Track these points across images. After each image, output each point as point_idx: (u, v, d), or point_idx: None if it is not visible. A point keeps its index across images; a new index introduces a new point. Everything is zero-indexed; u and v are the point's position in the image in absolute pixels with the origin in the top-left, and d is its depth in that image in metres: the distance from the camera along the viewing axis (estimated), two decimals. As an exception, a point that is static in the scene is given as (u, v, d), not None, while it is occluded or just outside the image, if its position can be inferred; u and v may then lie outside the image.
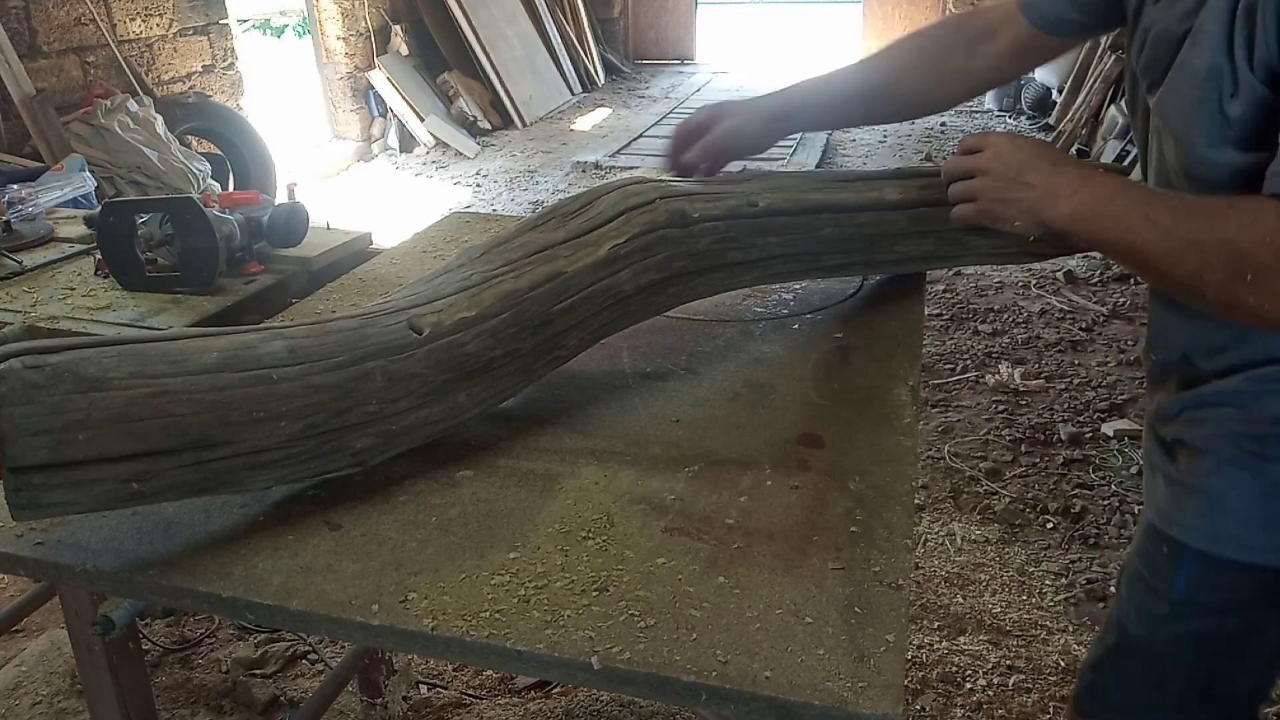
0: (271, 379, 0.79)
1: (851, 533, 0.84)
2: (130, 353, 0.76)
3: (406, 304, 0.92)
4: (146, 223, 1.48)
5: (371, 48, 6.53)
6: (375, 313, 0.91)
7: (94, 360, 0.74)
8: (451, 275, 0.98)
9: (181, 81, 4.78)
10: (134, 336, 0.80)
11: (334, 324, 0.88)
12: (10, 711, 1.87)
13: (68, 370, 0.72)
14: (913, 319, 1.27)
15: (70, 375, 0.72)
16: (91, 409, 0.72)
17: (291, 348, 0.82)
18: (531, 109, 7.38)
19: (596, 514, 0.87)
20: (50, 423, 0.71)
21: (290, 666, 2.03)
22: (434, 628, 0.73)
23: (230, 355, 0.79)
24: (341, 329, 0.87)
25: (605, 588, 0.77)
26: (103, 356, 0.74)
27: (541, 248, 1.01)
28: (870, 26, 9.65)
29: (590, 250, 1.02)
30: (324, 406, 0.82)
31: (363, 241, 1.68)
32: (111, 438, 0.73)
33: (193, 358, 0.78)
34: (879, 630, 0.72)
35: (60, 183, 2.47)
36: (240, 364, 0.79)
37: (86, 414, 0.72)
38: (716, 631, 0.72)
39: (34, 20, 3.95)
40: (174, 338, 0.80)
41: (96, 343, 0.76)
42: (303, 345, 0.83)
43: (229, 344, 0.80)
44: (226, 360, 0.79)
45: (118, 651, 0.92)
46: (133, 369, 0.75)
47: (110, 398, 0.73)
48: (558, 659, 0.70)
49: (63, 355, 0.73)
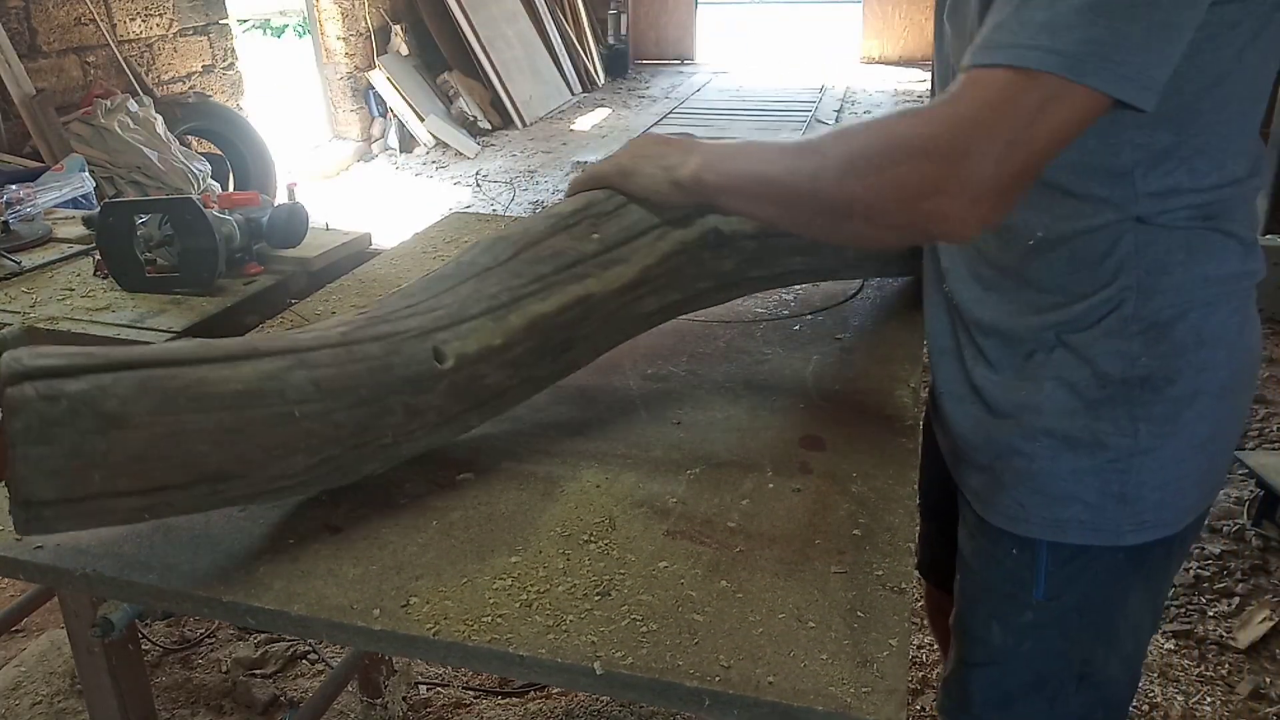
0: (294, 416, 0.77)
1: (854, 536, 0.84)
2: (153, 385, 0.72)
3: (431, 324, 0.88)
4: (146, 223, 1.48)
5: (371, 48, 6.53)
6: (400, 334, 0.86)
7: (113, 392, 0.70)
8: (479, 285, 0.93)
9: (181, 81, 4.78)
10: (153, 356, 0.75)
11: (359, 349, 0.83)
12: (10, 711, 1.87)
13: (86, 405, 0.69)
14: (914, 320, 1.27)
15: (89, 411, 0.69)
16: (110, 450, 0.69)
17: (315, 381, 0.79)
18: (531, 109, 7.38)
19: (598, 517, 0.87)
20: (67, 464, 0.68)
21: (290, 666, 2.02)
22: (435, 633, 0.73)
23: (253, 389, 0.76)
24: (366, 357, 0.83)
25: (607, 592, 0.77)
26: (122, 387, 0.71)
27: (572, 261, 0.96)
28: (870, 26, 9.66)
29: (621, 270, 0.98)
30: (342, 441, 0.80)
31: (362, 242, 1.68)
32: (127, 476, 0.71)
33: (215, 390, 0.74)
34: (882, 634, 0.72)
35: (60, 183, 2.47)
36: (263, 400, 0.76)
37: (104, 455, 0.69)
38: (719, 636, 0.72)
39: (34, 20, 3.95)
40: (194, 360, 0.76)
41: (114, 363, 0.72)
42: (327, 379, 0.80)
43: (252, 375, 0.77)
44: (249, 395, 0.76)
45: (117, 652, 0.92)
46: (154, 405, 0.71)
47: (129, 437, 0.70)
48: (560, 664, 0.70)
49: (80, 383, 0.69)
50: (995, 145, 0.67)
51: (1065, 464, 0.88)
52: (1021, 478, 0.90)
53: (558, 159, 6.27)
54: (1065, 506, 0.89)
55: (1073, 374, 0.86)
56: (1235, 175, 0.81)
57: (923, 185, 0.70)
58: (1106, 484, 0.87)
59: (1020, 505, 0.91)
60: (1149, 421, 0.85)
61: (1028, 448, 0.89)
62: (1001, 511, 0.93)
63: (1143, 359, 0.84)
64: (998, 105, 0.67)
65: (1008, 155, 0.67)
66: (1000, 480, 0.93)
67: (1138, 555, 0.90)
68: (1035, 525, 0.91)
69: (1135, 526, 0.88)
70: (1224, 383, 0.86)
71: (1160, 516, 0.89)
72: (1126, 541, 0.89)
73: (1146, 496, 0.87)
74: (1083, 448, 0.87)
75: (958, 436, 0.97)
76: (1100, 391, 0.86)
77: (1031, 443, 0.89)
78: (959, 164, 0.68)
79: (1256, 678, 1.93)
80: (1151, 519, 0.88)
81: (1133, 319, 0.83)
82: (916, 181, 0.70)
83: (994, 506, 0.94)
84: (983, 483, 0.95)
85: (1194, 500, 0.91)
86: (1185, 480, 0.88)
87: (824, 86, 8.49)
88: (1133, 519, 0.88)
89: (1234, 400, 0.88)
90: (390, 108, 6.49)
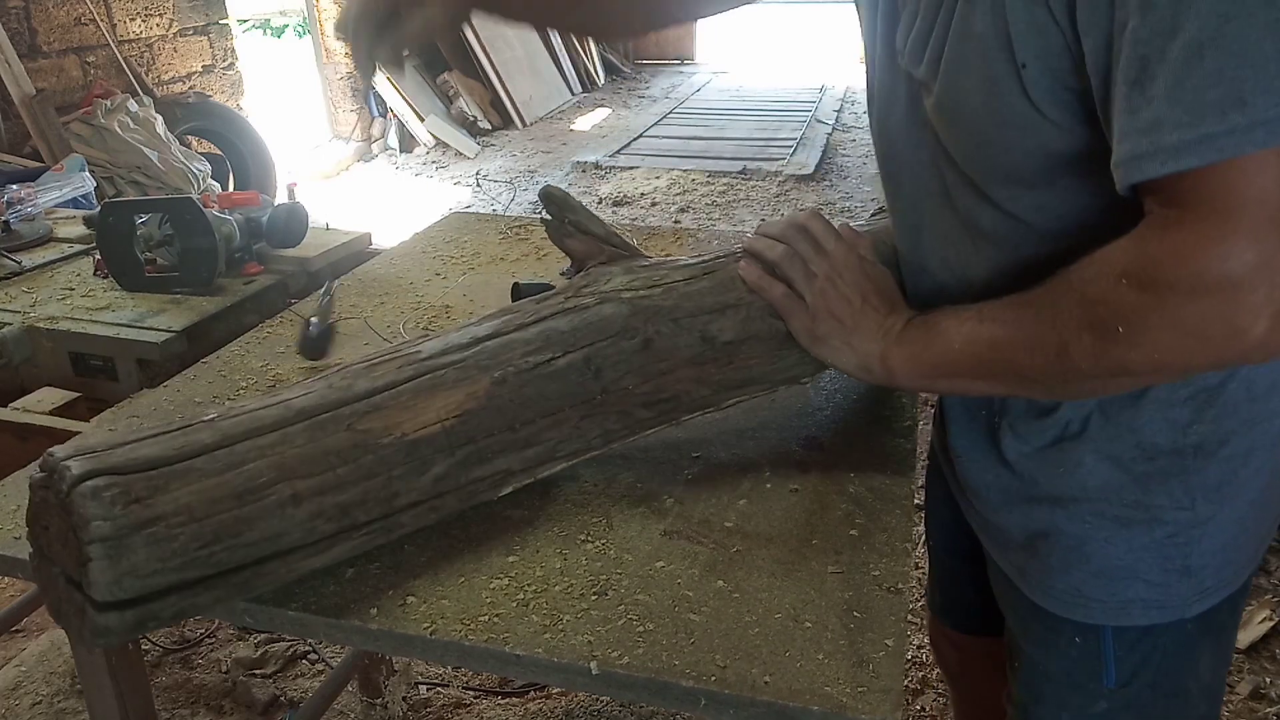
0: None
1: (851, 536, 0.84)
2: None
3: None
4: (146, 223, 1.48)
5: (372, 47, 6.52)
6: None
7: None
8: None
9: (181, 81, 4.78)
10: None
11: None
12: (10, 711, 1.87)
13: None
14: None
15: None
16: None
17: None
18: (531, 109, 7.38)
19: (595, 517, 0.87)
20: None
21: (290, 666, 2.03)
22: (432, 632, 0.73)
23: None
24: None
25: (604, 591, 0.77)
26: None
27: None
28: (871, 26, 9.63)
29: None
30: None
31: (362, 242, 1.68)
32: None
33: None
34: (878, 635, 0.72)
35: (60, 183, 2.47)
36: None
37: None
38: (715, 636, 0.72)
39: (34, 20, 3.95)
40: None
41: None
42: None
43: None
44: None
45: (117, 652, 0.92)
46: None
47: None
48: (556, 664, 0.70)
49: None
50: (1270, 244, 0.58)
51: (1120, 544, 0.81)
52: (1073, 560, 0.83)
53: (558, 159, 6.27)
54: (1127, 587, 0.82)
55: (1115, 447, 0.79)
56: None
57: (1226, 325, 0.60)
58: (1168, 559, 0.81)
59: (1077, 590, 0.84)
60: (1205, 489, 0.79)
61: (1075, 529, 0.83)
62: (1057, 597, 0.86)
63: (1194, 426, 0.77)
64: (1252, 204, 0.58)
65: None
66: (1047, 563, 0.85)
67: (1205, 621, 0.84)
68: (1097, 610, 0.84)
69: (1199, 595, 0.83)
70: (1279, 430, 0.80)
71: (1222, 578, 0.83)
72: (1193, 612, 0.83)
73: (1209, 564, 0.82)
74: (1138, 525, 0.80)
75: (985, 506, 0.91)
76: (1149, 464, 0.79)
77: (1079, 524, 0.82)
78: (1255, 287, 0.58)
79: (1256, 678, 1.93)
80: (1214, 583, 0.83)
81: (1181, 385, 0.76)
82: (1219, 324, 0.60)
83: (1047, 591, 0.86)
84: (1026, 562, 0.88)
85: (1253, 552, 0.86)
86: (1245, 535, 0.83)
87: (824, 86, 8.49)
88: (1196, 589, 0.82)
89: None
90: (390, 108, 6.49)
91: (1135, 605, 0.83)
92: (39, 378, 1.37)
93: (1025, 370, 0.71)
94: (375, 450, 0.75)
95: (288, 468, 0.72)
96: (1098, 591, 0.84)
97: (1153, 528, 0.80)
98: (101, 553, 0.64)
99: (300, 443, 0.73)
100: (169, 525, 0.66)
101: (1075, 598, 0.85)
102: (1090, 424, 0.80)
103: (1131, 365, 0.64)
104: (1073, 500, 0.82)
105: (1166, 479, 0.79)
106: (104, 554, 0.64)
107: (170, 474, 0.68)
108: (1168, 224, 0.61)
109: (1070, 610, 0.85)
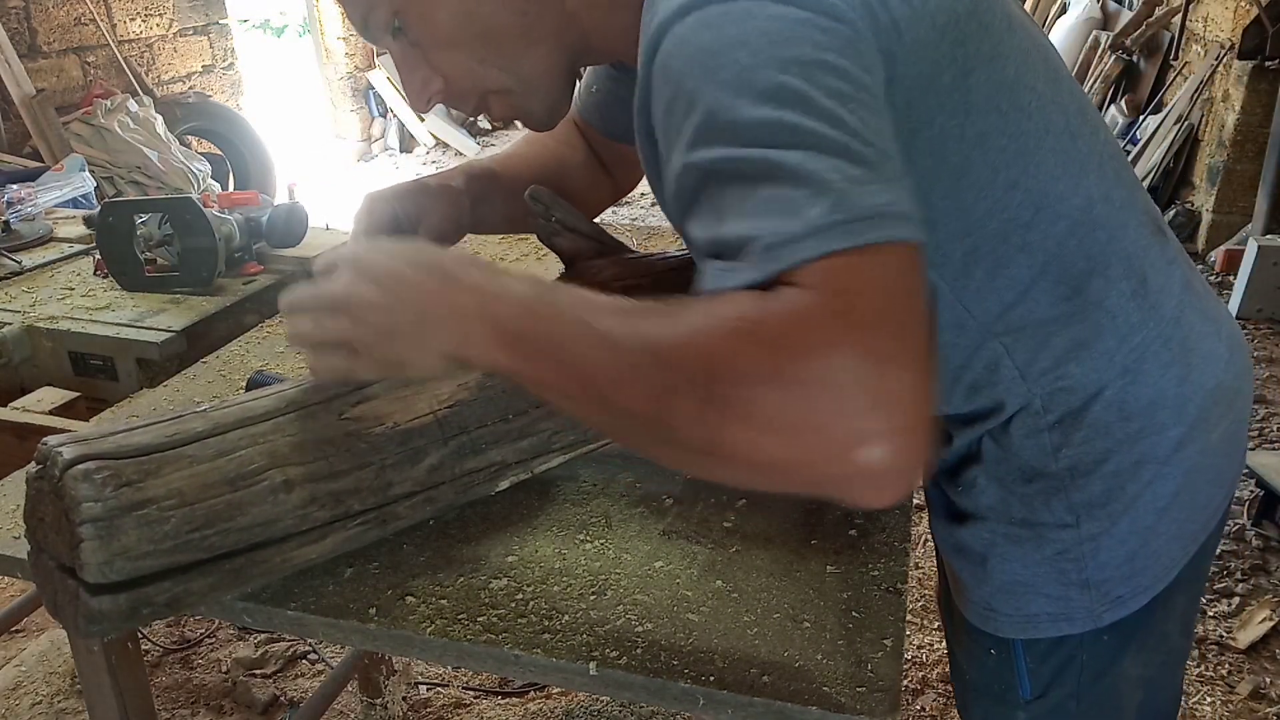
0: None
1: (849, 536, 0.84)
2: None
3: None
4: (146, 223, 1.48)
5: (371, 48, 6.52)
6: None
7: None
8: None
9: (181, 81, 4.78)
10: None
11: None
12: (10, 711, 1.87)
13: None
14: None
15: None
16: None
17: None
18: (532, 108, 7.37)
19: (594, 516, 0.87)
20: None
21: (290, 666, 2.03)
22: (431, 631, 0.73)
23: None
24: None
25: (603, 591, 0.77)
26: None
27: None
28: (871, 26, 9.63)
29: None
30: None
31: (362, 242, 1.68)
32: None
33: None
34: (877, 634, 0.72)
35: (60, 183, 2.47)
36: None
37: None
38: (714, 636, 0.72)
39: (34, 20, 3.95)
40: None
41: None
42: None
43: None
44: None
45: (117, 652, 0.92)
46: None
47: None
48: (555, 664, 0.70)
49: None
50: (883, 338, 0.50)
51: (1015, 561, 0.82)
52: (980, 576, 0.84)
53: (558, 159, 6.26)
54: (1029, 601, 0.82)
55: (1000, 470, 0.81)
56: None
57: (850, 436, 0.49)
58: (1063, 574, 0.81)
59: (987, 604, 0.85)
60: (1088, 506, 0.79)
61: (979, 546, 0.84)
62: (974, 610, 0.86)
63: (1064, 450, 0.78)
64: (853, 297, 0.51)
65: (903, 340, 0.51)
66: (961, 578, 0.87)
67: (1123, 628, 0.83)
68: (1005, 624, 0.84)
69: (1110, 605, 0.81)
70: (1180, 437, 0.78)
71: (1138, 585, 0.81)
72: (1106, 621, 0.82)
73: (1112, 576, 0.80)
74: (1028, 542, 0.81)
75: (931, 514, 0.92)
76: (1028, 486, 0.80)
77: (980, 541, 0.83)
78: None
79: (1256, 678, 1.93)
80: (1126, 591, 0.81)
81: (1041, 413, 0.77)
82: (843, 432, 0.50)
83: (966, 603, 0.87)
84: (954, 573, 0.89)
85: (1178, 553, 0.83)
86: (1157, 541, 0.81)
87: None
88: (1104, 599, 0.81)
89: (1203, 441, 0.79)
90: (390, 108, 6.49)
91: (1040, 619, 0.83)
92: (39, 377, 1.37)
93: (614, 407, 0.57)
94: (367, 439, 0.76)
95: (279, 455, 0.72)
96: (1004, 606, 0.84)
97: (1041, 545, 0.81)
98: (93, 533, 0.64)
99: (292, 431, 0.74)
100: (160, 508, 0.66)
101: (987, 611, 0.85)
102: (983, 446, 0.81)
103: (729, 447, 0.52)
104: (974, 518, 0.84)
105: (1048, 498, 0.80)
106: (95, 534, 0.64)
107: (162, 459, 0.68)
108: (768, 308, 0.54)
109: (984, 623, 0.86)
